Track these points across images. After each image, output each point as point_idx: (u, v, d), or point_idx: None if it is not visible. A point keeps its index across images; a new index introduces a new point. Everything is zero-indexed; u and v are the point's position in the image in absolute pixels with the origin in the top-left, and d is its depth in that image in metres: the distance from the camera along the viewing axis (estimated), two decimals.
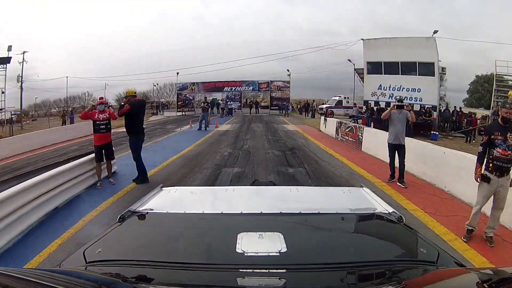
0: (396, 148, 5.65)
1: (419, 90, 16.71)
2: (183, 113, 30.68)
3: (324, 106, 27.15)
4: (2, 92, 24.97)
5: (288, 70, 29.68)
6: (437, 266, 1.04)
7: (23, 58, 27.05)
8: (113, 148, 5.87)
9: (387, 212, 1.46)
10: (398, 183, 5.65)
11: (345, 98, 26.21)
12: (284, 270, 1.00)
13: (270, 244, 1.09)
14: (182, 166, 7.28)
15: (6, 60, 25.29)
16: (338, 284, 0.97)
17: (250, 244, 1.09)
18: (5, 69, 25.08)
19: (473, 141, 14.24)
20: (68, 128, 16.11)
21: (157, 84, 39.40)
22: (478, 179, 3.55)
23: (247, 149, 9.71)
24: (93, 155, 5.57)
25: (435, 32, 16.74)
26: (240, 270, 0.98)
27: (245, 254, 1.04)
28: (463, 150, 6.61)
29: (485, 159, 3.49)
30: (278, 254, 1.03)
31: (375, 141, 8.39)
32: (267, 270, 0.97)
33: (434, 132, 14.57)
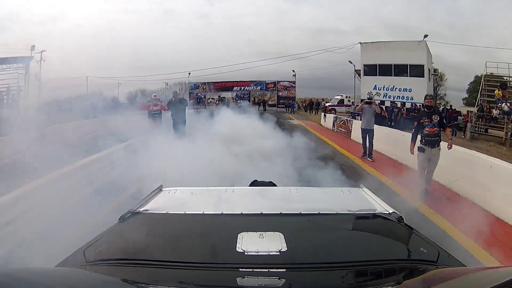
0: (367, 132, 7.78)
1: (410, 90, 18.55)
2: (196, 110, 33.07)
3: (328, 104, 29.03)
4: (21, 90, 26.48)
5: (293, 71, 31.55)
6: (437, 266, 1.05)
7: (41, 57, 27.85)
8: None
9: (387, 212, 1.47)
10: (368, 158, 7.77)
11: (346, 97, 28.04)
12: (284, 270, 1.00)
13: (270, 243, 1.10)
14: None
15: (28, 60, 25.34)
16: (338, 283, 0.98)
17: (250, 243, 1.10)
18: (25, 67, 25.24)
19: (463, 136, 16.01)
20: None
21: (168, 83, 41.44)
22: (415, 150, 5.09)
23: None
24: None
25: (426, 36, 18.57)
26: (240, 269, 1.00)
27: (245, 253, 1.05)
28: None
29: (420, 137, 4.97)
30: (278, 253, 1.04)
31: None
32: (267, 270, 0.98)
33: None
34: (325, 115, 16.79)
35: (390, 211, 1.47)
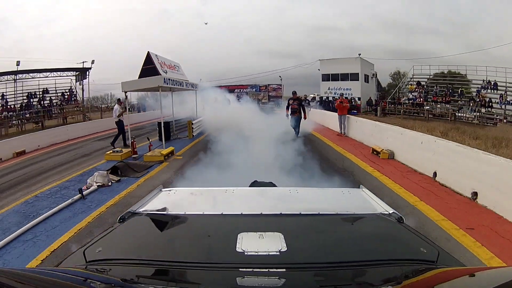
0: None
1: (350, 89, 28.95)
2: None
3: None
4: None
5: (280, 76, 41.93)
6: (437, 266, 1.05)
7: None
8: None
9: (387, 212, 1.49)
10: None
11: (317, 95, 38.51)
12: (284, 270, 1.01)
13: (270, 243, 1.11)
14: None
15: (84, 70, 27.64)
16: (338, 284, 0.99)
17: (250, 243, 1.11)
18: (78, 77, 27.09)
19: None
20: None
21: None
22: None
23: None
24: None
25: (359, 54, 29.34)
26: (240, 269, 1.00)
27: (245, 253, 1.05)
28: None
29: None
30: (278, 253, 1.05)
31: (312, 114, 20.88)
32: (267, 269, 0.98)
33: (354, 111, 26.99)
34: None
35: (390, 212, 1.48)
